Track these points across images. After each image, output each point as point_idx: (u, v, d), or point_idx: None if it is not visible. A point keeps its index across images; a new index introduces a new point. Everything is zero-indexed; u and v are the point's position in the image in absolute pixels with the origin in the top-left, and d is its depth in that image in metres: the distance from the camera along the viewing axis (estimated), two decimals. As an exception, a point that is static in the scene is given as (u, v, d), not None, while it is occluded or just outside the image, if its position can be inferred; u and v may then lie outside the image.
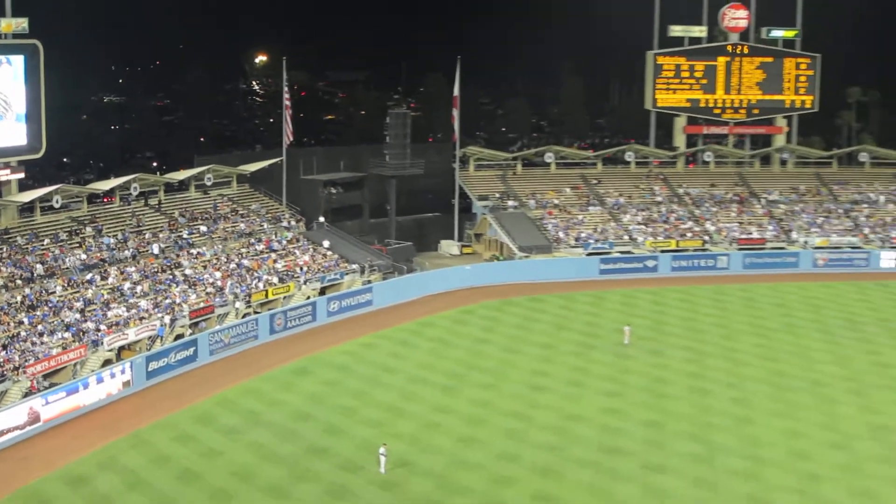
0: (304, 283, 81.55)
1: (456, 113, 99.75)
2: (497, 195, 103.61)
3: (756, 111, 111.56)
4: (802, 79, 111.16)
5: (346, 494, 47.92)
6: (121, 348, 65.24)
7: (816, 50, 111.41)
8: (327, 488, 48.58)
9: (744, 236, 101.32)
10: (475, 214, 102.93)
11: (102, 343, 63.66)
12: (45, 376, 59.10)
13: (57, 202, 77.26)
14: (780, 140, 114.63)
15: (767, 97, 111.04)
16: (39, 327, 62.28)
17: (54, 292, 67.46)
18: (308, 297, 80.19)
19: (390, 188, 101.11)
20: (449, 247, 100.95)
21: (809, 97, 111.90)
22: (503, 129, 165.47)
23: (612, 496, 48.47)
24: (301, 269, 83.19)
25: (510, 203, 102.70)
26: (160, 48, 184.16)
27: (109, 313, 67.01)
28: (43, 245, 72.41)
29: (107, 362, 62.89)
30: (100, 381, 59.63)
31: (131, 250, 76.14)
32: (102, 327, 64.97)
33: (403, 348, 73.01)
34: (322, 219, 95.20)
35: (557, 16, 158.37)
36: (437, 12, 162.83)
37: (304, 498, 47.37)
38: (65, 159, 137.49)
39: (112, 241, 76.10)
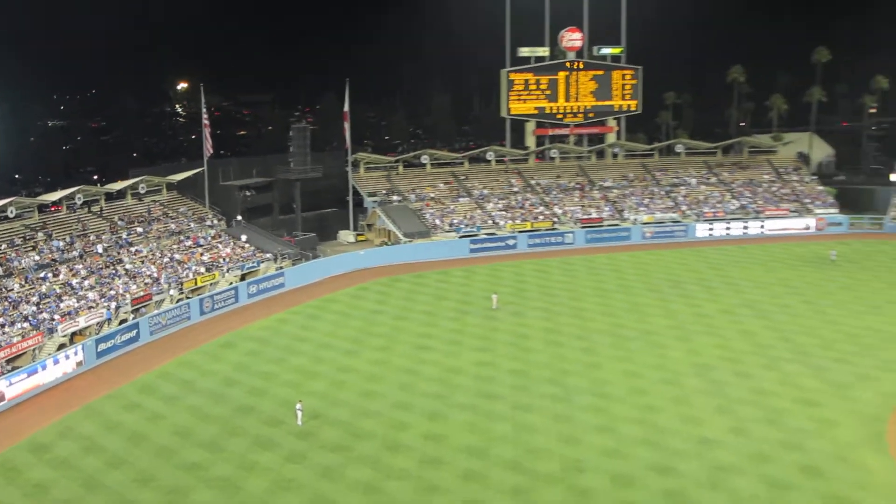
0: (227, 271, 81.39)
1: (347, 125, 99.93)
2: (384, 192, 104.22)
3: (591, 115, 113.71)
4: (628, 87, 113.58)
5: (271, 444, 48.43)
6: (73, 334, 64.67)
7: (638, 63, 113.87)
8: (254, 440, 49.00)
9: (585, 216, 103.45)
10: (366, 208, 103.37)
11: (57, 330, 63.00)
12: (8, 361, 58.32)
13: (11, 212, 75.98)
14: (611, 137, 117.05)
15: (600, 103, 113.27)
16: (1, 320, 61.37)
17: (13, 289, 66.41)
18: (231, 283, 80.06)
19: (295, 189, 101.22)
20: (346, 236, 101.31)
21: (634, 101, 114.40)
22: (386, 137, 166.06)
23: (489, 433, 49.62)
24: (224, 259, 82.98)
25: (395, 198, 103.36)
26: (96, 79, 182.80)
27: (62, 305, 66.24)
28: (1, 250, 71.14)
29: (61, 346, 62.41)
30: (56, 362, 59.12)
31: (78, 251, 75.20)
32: (56, 317, 64.23)
33: (312, 321, 73.39)
34: (239, 217, 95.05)
35: (428, 40, 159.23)
36: (329, 42, 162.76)
37: (235, 450, 47.73)
38: (17, 175, 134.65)
39: (61, 243, 75.02)
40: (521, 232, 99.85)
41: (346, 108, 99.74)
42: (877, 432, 49.43)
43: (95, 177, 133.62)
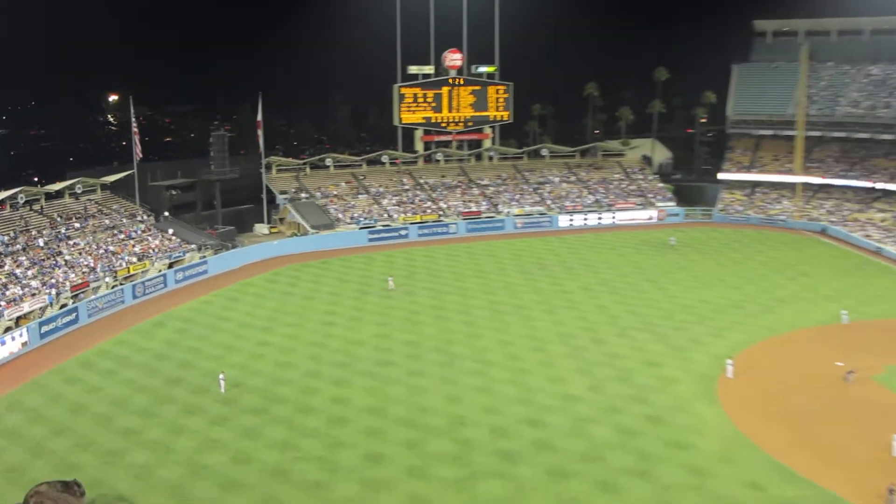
0: (156, 260, 79.69)
1: (260, 132, 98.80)
2: (293, 190, 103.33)
3: (470, 123, 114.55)
4: (501, 100, 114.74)
5: (197, 410, 48.02)
6: (18, 318, 62.53)
7: (510, 79, 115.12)
8: (183, 407, 48.52)
9: (466, 210, 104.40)
10: (278, 204, 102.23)
11: (3, 315, 60.90)
12: (-41, 344, 56.51)
13: (-42, 212, 73.26)
14: (487, 143, 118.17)
15: (478, 113, 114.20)
16: (-49, 307, 59.29)
17: (-38, 280, 64.19)
18: (160, 271, 78.42)
19: (216, 189, 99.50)
20: (261, 228, 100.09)
21: (506, 112, 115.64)
22: (295, 143, 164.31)
23: (386, 395, 50.12)
24: (153, 250, 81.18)
25: (303, 195, 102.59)
26: (35, 92, 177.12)
27: (7, 293, 63.93)
28: (-50, 245, 68.58)
29: (8, 329, 60.36)
30: (3, 343, 57.39)
31: (22, 244, 72.60)
32: (2, 303, 62.08)
33: (232, 303, 72.53)
34: (167, 213, 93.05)
35: (331, 58, 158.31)
36: (244, 58, 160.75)
37: (166, 416, 47.25)
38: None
39: (6, 238, 72.26)
40: (412, 223, 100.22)
41: (259, 117, 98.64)
42: (708, 387, 51.44)
43: (36, 178, 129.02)
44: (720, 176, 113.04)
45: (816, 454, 42.05)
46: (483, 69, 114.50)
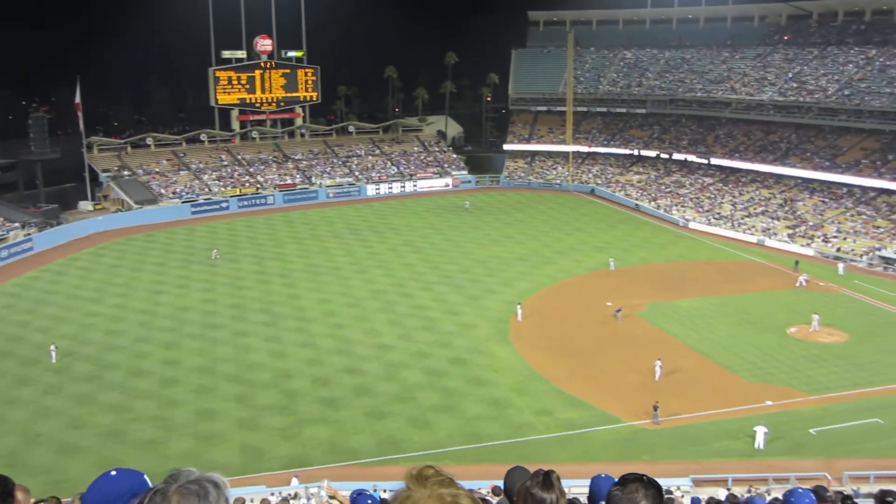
0: (-23, 239, 72.82)
1: (80, 114, 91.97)
2: (116, 168, 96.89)
3: (282, 104, 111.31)
4: (310, 82, 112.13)
5: (29, 381, 44.45)
6: None
7: (317, 63, 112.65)
8: (14, 379, 44.77)
9: (282, 182, 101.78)
10: (102, 182, 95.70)
11: None
12: None
13: None
14: (299, 121, 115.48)
15: (289, 94, 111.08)
16: None
17: None
18: (-19, 250, 71.78)
19: (37, 168, 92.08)
20: (85, 206, 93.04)
21: (315, 93, 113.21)
22: (115, 124, 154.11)
23: (214, 355, 48.34)
24: (-28, 230, 74.13)
25: (125, 173, 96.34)
26: None
27: None
28: None
29: None
30: None
31: None
32: None
33: (60, 277, 67.31)
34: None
35: (150, 41, 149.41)
36: (60, 40, 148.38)
37: (-4, 388, 43.43)
38: None
39: None
40: (232, 196, 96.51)
41: (78, 99, 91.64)
42: (501, 330, 52.87)
43: None
44: (505, 147, 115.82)
45: (594, 381, 44.14)
46: (292, 54, 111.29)
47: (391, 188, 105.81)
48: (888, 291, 61.39)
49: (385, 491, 22.88)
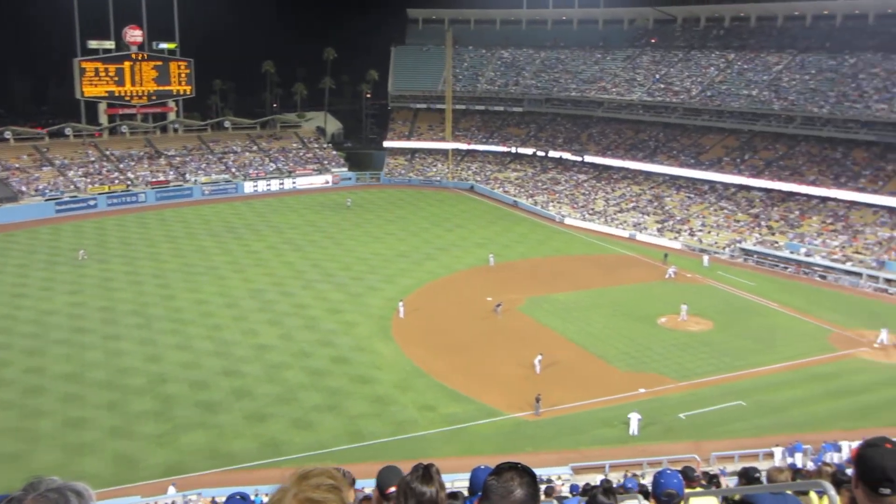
0: None
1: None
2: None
3: (154, 97, 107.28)
4: (183, 76, 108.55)
5: None
6: None
7: (191, 56, 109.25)
8: None
9: (154, 179, 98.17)
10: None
11: None
12: None
13: None
14: (172, 116, 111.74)
15: (161, 88, 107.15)
16: None
17: None
18: None
19: None
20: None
21: (189, 87, 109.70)
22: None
23: (83, 360, 46.14)
24: None
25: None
26: None
27: None
28: None
29: None
30: None
31: None
32: None
33: None
34: None
35: (5, 29, 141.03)
36: None
37: None
38: None
39: None
40: (100, 194, 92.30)
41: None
42: (384, 327, 52.80)
43: None
44: (385, 144, 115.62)
45: (476, 376, 44.70)
46: (164, 46, 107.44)
47: (269, 185, 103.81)
48: (748, 281, 64.94)
49: (266, 495, 22.43)
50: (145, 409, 39.97)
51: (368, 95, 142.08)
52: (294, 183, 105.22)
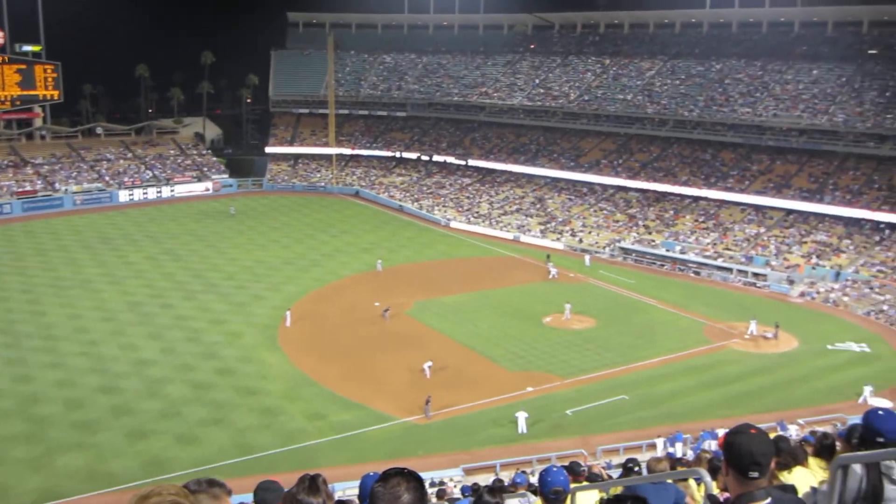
0: None
1: None
2: None
3: (18, 102, 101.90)
4: (50, 79, 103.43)
5: None
6: None
7: (59, 59, 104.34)
8: None
9: (20, 189, 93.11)
10: None
11: None
12: None
13: None
14: (38, 121, 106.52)
15: (26, 92, 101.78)
16: None
17: None
18: None
19: None
20: None
21: (56, 91, 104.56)
22: None
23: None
24: None
25: None
26: None
27: None
28: None
29: None
30: None
31: None
32: None
33: None
34: None
35: None
36: None
37: None
38: None
39: None
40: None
41: None
42: (271, 336, 51.90)
43: None
44: (267, 149, 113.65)
45: (366, 382, 44.52)
46: (28, 48, 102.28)
47: (146, 194, 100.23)
48: (627, 279, 67.28)
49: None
50: (15, 432, 37.83)
51: (249, 100, 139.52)
52: (172, 191, 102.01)
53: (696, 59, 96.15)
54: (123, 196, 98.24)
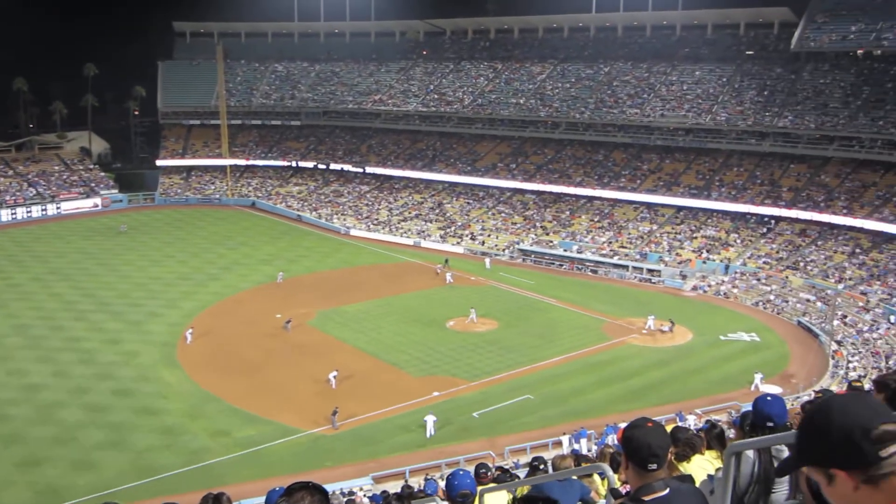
0: None
1: None
2: None
3: None
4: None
5: None
6: None
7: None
8: None
9: None
10: None
11: None
12: None
13: None
14: None
15: None
16: None
17: None
18: None
19: None
20: None
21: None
22: None
23: None
24: None
25: None
26: None
27: None
28: None
29: None
30: None
31: None
32: None
33: None
34: None
35: None
36: None
37: None
38: None
39: None
40: None
41: None
42: (168, 354, 50.42)
43: None
44: (158, 163, 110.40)
45: (271, 395, 43.74)
46: None
47: (30, 212, 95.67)
48: (528, 280, 68.43)
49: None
50: None
51: (137, 112, 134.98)
52: (59, 208, 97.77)
53: (584, 63, 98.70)
54: (5, 215, 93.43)
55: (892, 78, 75.90)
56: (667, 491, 3.74)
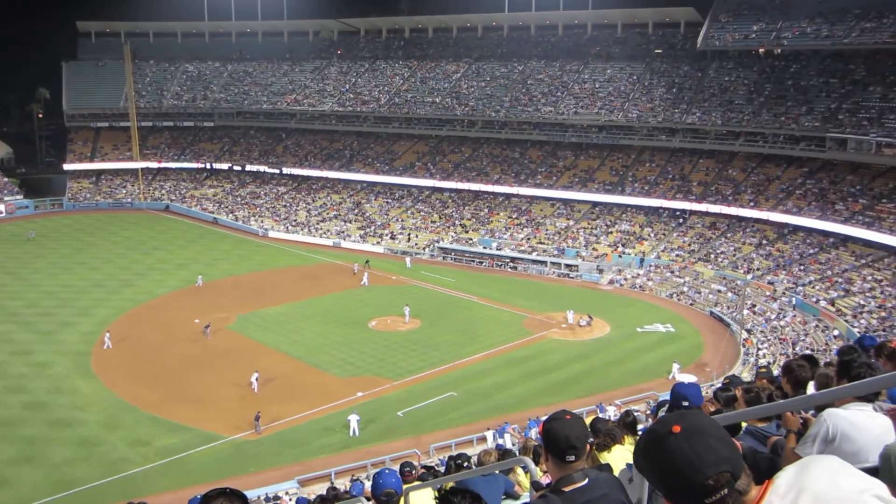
0: None
1: None
2: None
3: None
4: None
5: None
6: None
7: None
8: None
9: None
10: None
11: None
12: None
13: None
14: None
15: None
16: None
17: None
18: None
19: None
20: None
21: None
22: None
23: None
24: None
25: None
26: None
27: None
28: None
29: None
30: None
31: None
32: None
33: None
34: None
35: None
36: None
37: None
38: None
39: None
40: None
41: None
42: (84, 363, 48.95)
43: None
44: (66, 167, 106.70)
45: (191, 403, 42.90)
46: None
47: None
48: (449, 278, 68.87)
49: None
50: None
51: (40, 115, 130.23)
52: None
53: (499, 62, 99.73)
54: None
55: (792, 76, 79.13)
56: (586, 481, 3.94)
